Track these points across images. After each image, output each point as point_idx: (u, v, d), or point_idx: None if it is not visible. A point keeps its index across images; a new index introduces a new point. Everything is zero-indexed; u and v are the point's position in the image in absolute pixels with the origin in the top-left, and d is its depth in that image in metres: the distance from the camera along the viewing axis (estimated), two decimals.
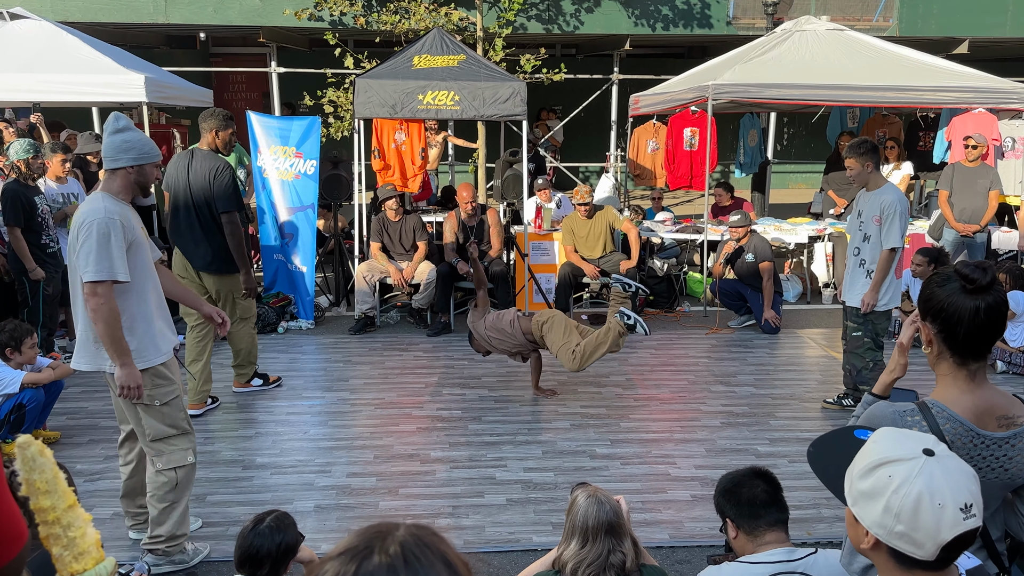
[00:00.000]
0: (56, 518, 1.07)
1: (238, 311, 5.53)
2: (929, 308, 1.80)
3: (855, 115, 10.82)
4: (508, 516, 4.05)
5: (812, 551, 2.25)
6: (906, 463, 1.35)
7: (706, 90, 7.65)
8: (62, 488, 1.09)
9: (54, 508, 1.08)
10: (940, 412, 1.76)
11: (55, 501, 1.07)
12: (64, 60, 7.61)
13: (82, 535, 1.09)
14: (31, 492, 1.07)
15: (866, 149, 5.09)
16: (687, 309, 8.15)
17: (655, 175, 10.12)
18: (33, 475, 1.07)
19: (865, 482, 1.39)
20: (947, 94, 7.77)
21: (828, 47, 8.21)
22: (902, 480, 1.34)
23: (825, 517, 4.03)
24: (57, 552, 1.07)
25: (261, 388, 5.84)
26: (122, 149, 3.34)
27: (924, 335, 1.83)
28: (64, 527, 1.08)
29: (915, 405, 1.79)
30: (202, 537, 3.82)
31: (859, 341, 5.29)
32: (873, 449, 1.41)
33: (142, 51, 10.59)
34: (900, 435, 1.42)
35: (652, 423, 5.25)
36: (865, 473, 1.40)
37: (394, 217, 7.46)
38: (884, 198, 5.07)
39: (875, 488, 1.37)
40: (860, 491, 1.40)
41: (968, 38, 12.70)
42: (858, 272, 5.27)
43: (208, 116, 5.39)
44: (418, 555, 0.84)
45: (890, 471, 1.36)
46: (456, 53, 7.63)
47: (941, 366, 1.82)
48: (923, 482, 1.32)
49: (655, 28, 12.46)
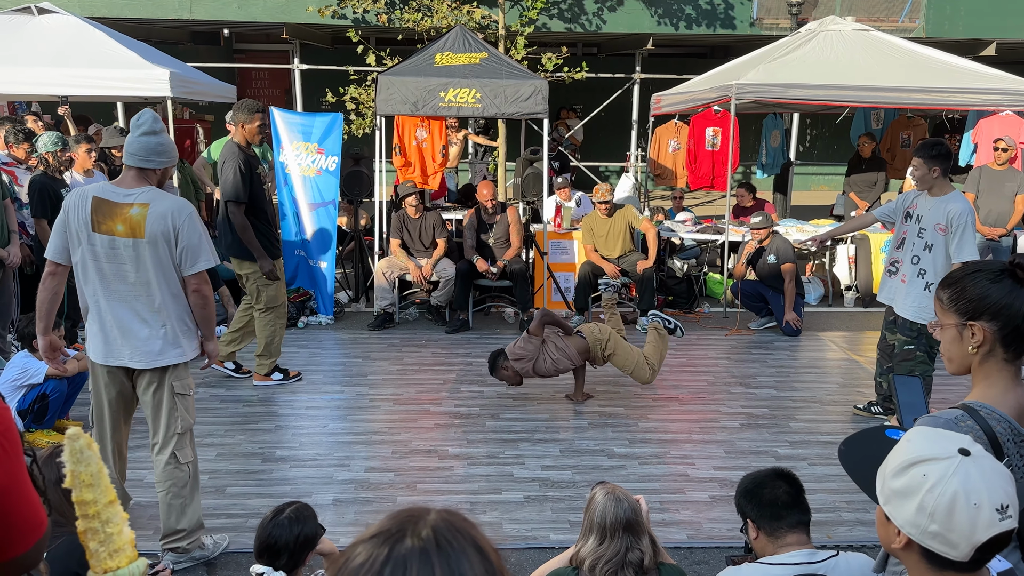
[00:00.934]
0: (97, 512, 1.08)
1: (262, 299, 5.62)
2: (985, 307, 1.74)
3: (880, 117, 10.71)
4: (525, 513, 4.05)
5: (833, 554, 2.23)
6: (941, 462, 1.32)
7: (729, 90, 7.60)
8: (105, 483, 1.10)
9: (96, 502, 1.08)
10: (989, 413, 1.71)
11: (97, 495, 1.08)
12: (90, 55, 7.68)
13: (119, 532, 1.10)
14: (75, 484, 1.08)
15: (938, 152, 4.73)
16: (707, 310, 8.11)
17: (676, 175, 10.08)
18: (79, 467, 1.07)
19: (898, 481, 1.36)
20: (974, 96, 7.67)
21: (853, 48, 8.13)
22: (937, 479, 1.31)
23: (845, 520, 3.99)
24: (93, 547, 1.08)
25: (280, 382, 5.85)
26: (156, 152, 3.37)
27: (978, 335, 1.76)
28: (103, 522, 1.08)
29: (961, 410, 1.75)
30: (221, 529, 3.85)
31: (911, 354, 4.88)
32: (907, 448, 1.39)
33: (167, 47, 10.68)
34: (935, 434, 1.40)
35: (671, 423, 5.23)
36: (899, 472, 1.37)
37: (414, 214, 7.48)
38: (951, 207, 4.69)
39: (909, 487, 1.34)
40: (893, 490, 1.37)
41: (996, 40, 12.55)
42: (916, 283, 4.85)
43: (235, 109, 5.60)
44: (450, 539, 0.84)
45: (925, 470, 1.33)
46: (478, 51, 7.63)
47: (987, 364, 1.77)
48: (959, 481, 1.29)
49: (678, 27, 12.40)
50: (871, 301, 8.30)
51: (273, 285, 5.63)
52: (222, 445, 4.82)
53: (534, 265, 7.86)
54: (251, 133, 5.52)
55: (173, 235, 3.32)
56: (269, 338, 5.74)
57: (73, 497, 1.08)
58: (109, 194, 3.33)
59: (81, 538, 1.09)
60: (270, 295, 5.63)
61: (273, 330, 5.74)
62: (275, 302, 5.67)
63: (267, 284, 5.59)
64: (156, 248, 3.32)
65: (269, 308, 5.66)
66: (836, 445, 5.04)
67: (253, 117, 5.48)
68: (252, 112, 5.48)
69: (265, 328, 5.71)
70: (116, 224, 3.29)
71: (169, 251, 3.34)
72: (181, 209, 3.35)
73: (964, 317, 1.77)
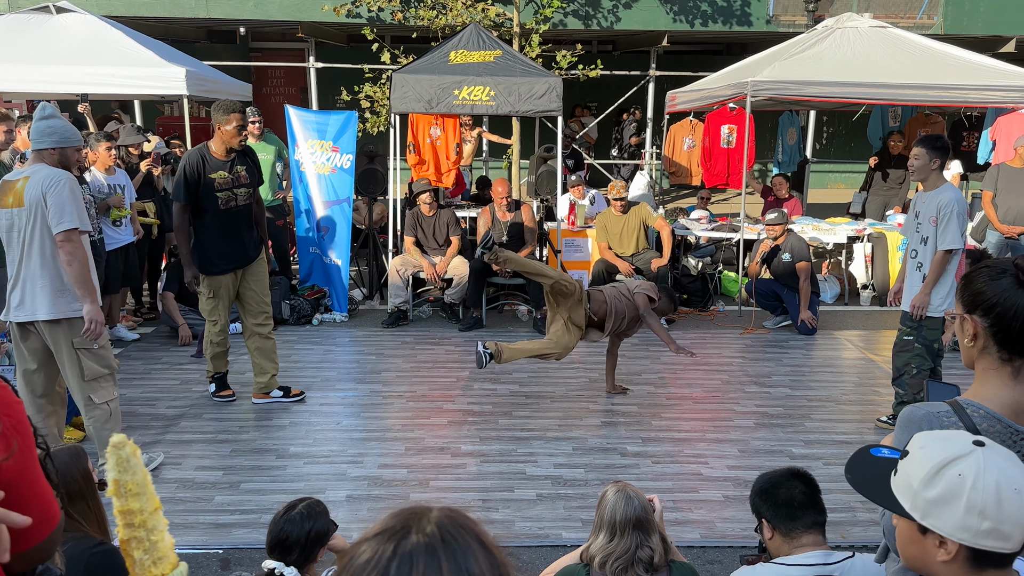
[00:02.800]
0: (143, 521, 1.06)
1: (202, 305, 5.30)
2: (981, 302, 1.74)
3: (897, 114, 10.61)
4: (538, 511, 4.05)
5: (849, 555, 2.21)
6: (968, 458, 1.29)
7: (745, 87, 7.55)
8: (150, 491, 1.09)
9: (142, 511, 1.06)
10: (976, 411, 1.70)
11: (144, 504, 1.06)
12: (108, 53, 7.74)
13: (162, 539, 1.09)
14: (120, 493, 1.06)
15: (941, 145, 4.81)
16: (721, 309, 8.07)
17: (691, 172, 10.04)
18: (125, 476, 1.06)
19: (934, 490, 1.30)
20: (993, 93, 7.59)
21: (870, 44, 8.06)
22: (975, 475, 1.27)
23: (860, 520, 3.97)
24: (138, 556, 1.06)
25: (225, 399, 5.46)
26: (45, 132, 3.90)
27: (970, 329, 1.77)
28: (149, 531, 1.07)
29: (948, 406, 1.74)
30: (236, 524, 3.88)
31: (908, 345, 4.98)
32: (926, 455, 1.34)
33: (183, 45, 10.75)
34: (943, 435, 1.37)
35: (684, 422, 5.21)
36: (930, 480, 1.31)
37: (428, 212, 7.49)
38: (941, 197, 4.79)
39: (948, 491, 1.29)
40: (930, 500, 1.31)
41: (1015, 36, 12.39)
42: (915, 276, 4.98)
43: (212, 110, 5.09)
44: (455, 535, 0.84)
45: (958, 469, 1.28)
46: (492, 48, 7.63)
47: (983, 361, 1.77)
48: (995, 471, 1.26)
49: (693, 24, 12.33)
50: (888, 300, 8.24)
51: (209, 300, 5.21)
52: (236, 441, 4.85)
53: (548, 263, 7.85)
54: (228, 136, 4.99)
55: (43, 200, 3.85)
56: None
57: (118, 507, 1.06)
58: (11, 175, 4.00)
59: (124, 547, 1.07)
60: (204, 307, 5.28)
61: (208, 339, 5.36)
62: (209, 315, 5.26)
63: (204, 294, 5.21)
64: (34, 214, 3.87)
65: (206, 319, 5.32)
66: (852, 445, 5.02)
67: (229, 118, 4.95)
68: (228, 112, 4.96)
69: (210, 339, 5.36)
70: (8, 197, 3.92)
71: (44, 215, 3.87)
72: (50, 177, 3.86)
73: (964, 310, 1.78)
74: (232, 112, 4.96)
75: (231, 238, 5.13)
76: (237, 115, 4.99)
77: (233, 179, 5.11)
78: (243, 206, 5.18)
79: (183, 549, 3.64)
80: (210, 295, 5.21)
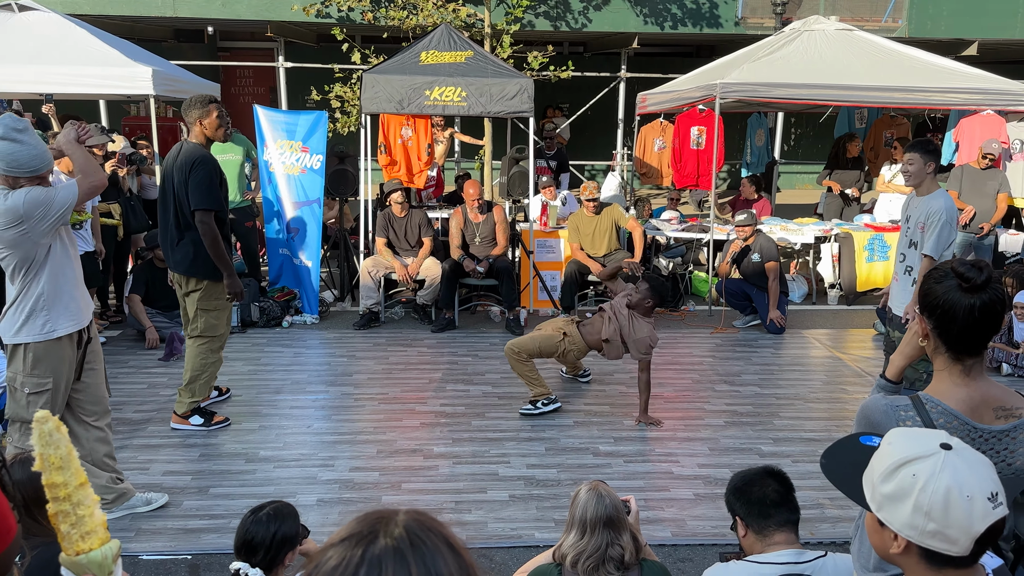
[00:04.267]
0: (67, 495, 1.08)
1: (199, 325, 4.88)
2: (926, 303, 1.82)
3: (863, 116, 10.78)
4: (511, 512, 4.05)
5: (822, 554, 2.24)
6: (927, 460, 1.32)
7: (714, 89, 7.62)
8: (75, 466, 1.10)
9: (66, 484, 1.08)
10: (934, 407, 1.75)
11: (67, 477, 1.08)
12: (72, 52, 7.62)
13: (90, 514, 1.10)
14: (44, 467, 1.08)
15: (932, 148, 4.76)
16: (692, 308, 8.13)
17: (662, 173, 10.10)
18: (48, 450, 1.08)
19: (889, 485, 1.35)
20: (956, 95, 7.73)
21: (837, 47, 8.18)
22: (928, 477, 1.30)
23: (828, 517, 4.02)
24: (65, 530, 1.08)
25: (198, 428, 4.97)
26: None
27: (921, 328, 1.84)
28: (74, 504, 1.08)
29: (909, 400, 1.79)
30: (205, 530, 3.83)
31: None
32: (890, 451, 1.38)
33: (150, 44, 10.60)
34: (914, 433, 1.40)
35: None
36: (887, 476, 1.36)
37: (400, 213, 7.46)
38: (932, 204, 4.68)
39: (901, 489, 1.33)
40: (884, 495, 1.36)
41: (977, 40, 12.65)
42: (905, 280, 4.87)
43: (187, 107, 4.78)
44: (423, 538, 0.84)
45: (913, 470, 1.32)
46: (464, 49, 7.62)
47: (937, 360, 1.83)
48: (949, 476, 1.29)
49: (663, 27, 12.43)
50: (854, 299, 8.36)
51: (215, 312, 4.89)
52: (205, 445, 4.79)
53: (520, 264, 7.86)
54: (212, 127, 4.76)
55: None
56: (197, 371, 4.92)
57: (43, 480, 1.08)
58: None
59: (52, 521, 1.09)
60: (209, 323, 4.87)
61: (204, 364, 4.93)
62: (214, 332, 4.91)
63: (210, 309, 4.87)
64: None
65: (205, 337, 4.89)
66: (820, 443, 5.08)
67: (209, 108, 4.73)
68: (205, 104, 4.74)
69: (195, 358, 4.91)
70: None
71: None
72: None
73: (918, 310, 1.85)
74: (210, 103, 4.77)
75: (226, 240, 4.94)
76: (216, 105, 4.79)
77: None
78: None
79: (151, 555, 3.60)
80: (223, 305, 4.93)
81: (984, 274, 1.73)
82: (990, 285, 1.74)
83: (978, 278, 1.73)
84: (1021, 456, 1.73)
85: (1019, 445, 1.73)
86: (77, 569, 1.09)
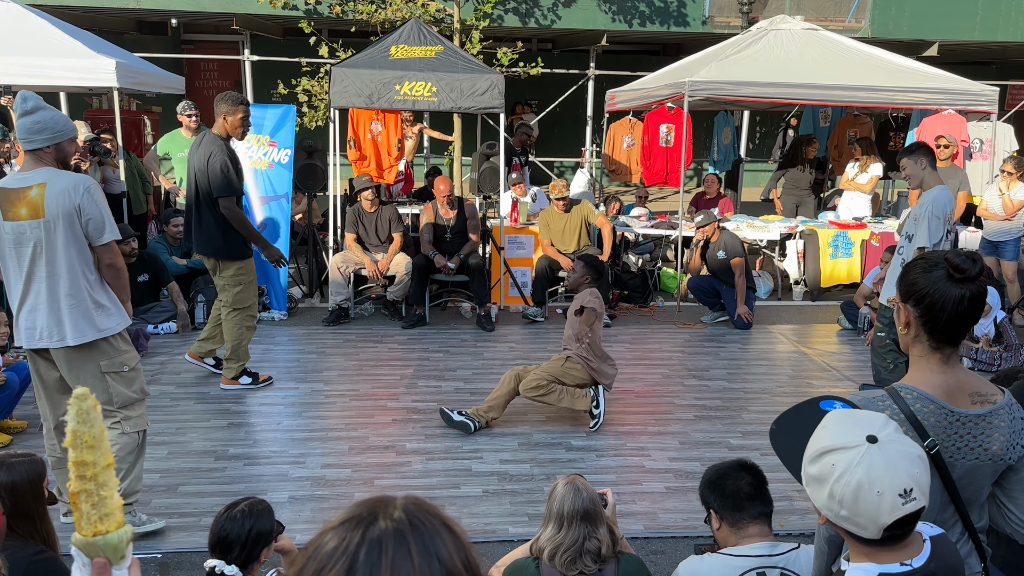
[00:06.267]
0: (94, 474, 1.08)
1: (230, 299, 5.39)
2: (912, 292, 1.83)
3: (827, 114, 10.95)
4: (484, 507, 4.06)
5: (795, 546, 2.28)
6: (849, 451, 1.42)
7: (682, 87, 7.69)
8: (105, 446, 1.09)
9: (95, 464, 1.08)
10: (910, 393, 1.79)
11: (97, 457, 1.08)
12: (32, 43, 7.44)
13: (111, 496, 1.10)
14: (77, 444, 1.07)
15: (918, 146, 4.84)
16: (661, 304, 8.20)
17: (630, 171, 10.16)
18: (83, 427, 1.07)
19: (813, 467, 1.47)
20: (918, 95, 7.89)
21: (802, 47, 8.29)
22: (843, 469, 1.41)
23: (797, 509, 4.08)
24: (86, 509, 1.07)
25: (248, 387, 5.62)
26: (34, 131, 3.37)
27: (903, 317, 1.86)
28: (99, 485, 1.08)
29: (885, 391, 1.82)
30: (175, 528, 3.78)
31: (882, 342, 4.95)
32: (822, 435, 1.48)
33: (111, 36, 10.41)
34: (848, 420, 1.48)
35: (627, 416, 5.28)
36: (813, 459, 1.48)
37: (370, 208, 7.42)
38: (924, 197, 4.79)
39: (821, 474, 1.45)
40: (810, 475, 1.49)
41: (938, 40, 12.92)
42: (897, 271, 4.81)
43: (219, 100, 5.28)
44: (422, 520, 0.85)
45: (833, 459, 1.43)
46: (434, 44, 7.59)
47: (915, 348, 1.86)
48: (863, 471, 1.39)
49: (632, 24, 12.50)
50: (819, 295, 8.50)
51: (242, 287, 5.38)
52: (173, 443, 4.72)
53: (491, 260, 7.86)
54: (233, 126, 5.24)
55: (76, 212, 3.39)
56: (236, 341, 5.48)
57: (73, 458, 1.07)
58: (11, 182, 3.41)
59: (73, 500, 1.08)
60: (237, 296, 5.37)
61: (240, 332, 5.48)
62: (243, 303, 5.42)
63: (237, 284, 5.34)
64: (59, 226, 3.38)
65: (236, 309, 5.41)
66: None
67: (237, 109, 5.21)
68: (236, 104, 5.22)
69: (232, 330, 5.47)
70: (20, 208, 3.37)
71: (75, 228, 3.41)
72: (77, 185, 3.40)
73: (900, 299, 1.87)
74: (240, 104, 5.22)
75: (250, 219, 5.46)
76: (245, 107, 5.24)
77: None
78: None
79: None
80: (249, 279, 5.42)
81: (978, 266, 1.77)
82: (981, 276, 1.78)
83: (972, 270, 1.76)
84: (997, 441, 1.77)
85: (995, 430, 1.77)
86: (91, 551, 1.08)
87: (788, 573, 2.23)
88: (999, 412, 1.78)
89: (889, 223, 8.76)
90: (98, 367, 3.54)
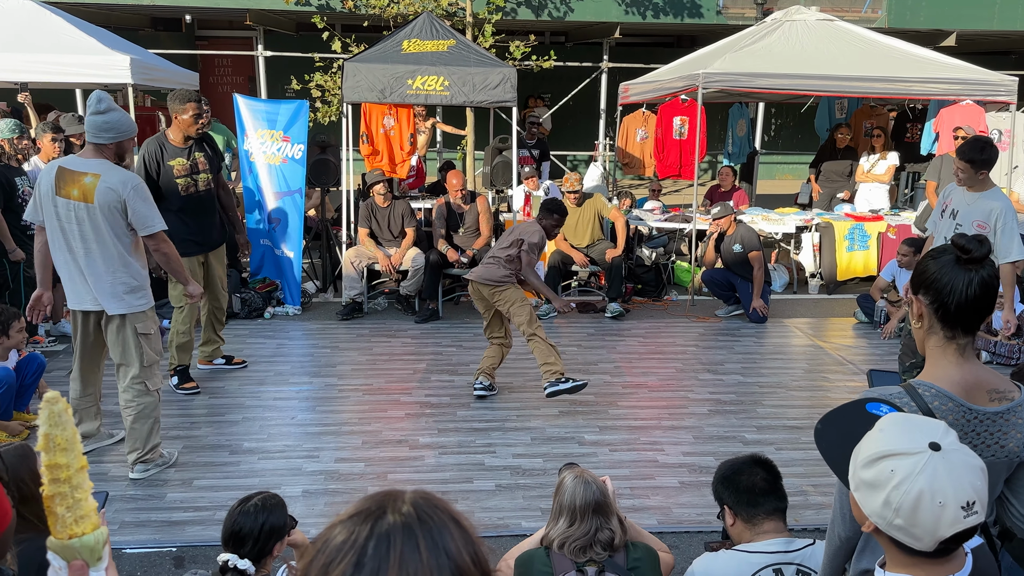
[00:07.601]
0: (68, 477, 1.07)
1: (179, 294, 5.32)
2: (922, 280, 1.80)
3: (843, 106, 10.85)
4: (497, 502, 4.05)
5: (810, 542, 2.25)
6: (910, 458, 1.32)
7: (696, 79, 7.63)
8: (78, 449, 1.09)
9: (68, 466, 1.07)
10: (927, 390, 1.75)
11: (71, 460, 1.07)
12: (47, 40, 7.49)
13: (86, 499, 1.09)
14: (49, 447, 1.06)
15: (988, 156, 4.44)
16: (675, 298, 8.17)
17: (644, 164, 10.11)
18: (55, 430, 1.07)
19: (868, 472, 1.37)
20: (935, 86, 7.80)
21: (817, 37, 8.21)
22: (904, 476, 1.31)
23: (812, 504, 4.05)
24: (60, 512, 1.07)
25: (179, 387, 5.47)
26: (103, 128, 3.87)
27: (916, 309, 1.83)
28: (73, 487, 1.07)
29: (902, 387, 1.78)
30: (190, 522, 3.81)
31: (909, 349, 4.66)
32: (879, 438, 1.38)
33: (126, 33, 10.45)
34: (908, 425, 1.39)
35: (640, 410, 5.26)
36: (868, 463, 1.37)
37: (382, 203, 7.42)
38: (993, 204, 4.45)
39: (877, 480, 1.35)
40: (862, 479, 1.38)
41: (956, 31, 12.76)
42: None
43: (168, 100, 5.22)
44: (431, 514, 0.85)
45: (893, 465, 1.33)
46: (446, 38, 7.57)
47: (931, 340, 1.82)
48: (925, 480, 1.29)
49: (645, 16, 12.43)
50: (835, 288, 8.43)
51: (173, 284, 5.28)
52: (188, 438, 4.75)
53: None
54: (185, 124, 5.15)
55: (120, 206, 3.88)
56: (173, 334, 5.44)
57: (45, 461, 1.07)
58: (71, 164, 3.92)
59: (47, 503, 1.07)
60: (174, 293, 5.33)
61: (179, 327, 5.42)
62: (177, 302, 5.35)
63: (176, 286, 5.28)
64: (103, 214, 3.87)
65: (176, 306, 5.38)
66: (803, 430, 5.08)
67: (185, 107, 5.10)
68: (184, 101, 5.10)
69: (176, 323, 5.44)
70: (72, 189, 3.87)
71: (118, 218, 3.90)
72: (126, 182, 3.89)
73: (912, 291, 1.84)
74: (188, 101, 5.15)
75: (194, 223, 5.35)
76: (193, 103, 5.16)
77: (191, 166, 5.31)
78: (203, 192, 5.39)
79: (136, 548, 3.58)
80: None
81: (984, 247, 1.73)
82: (988, 260, 1.75)
83: (978, 251, 1.73)
84: (1014, 438, 1.74)
85: (1012, 428, 1.74)
86: (67, 553, 1.08)
87: (804, 569, 2.21)
88: (1017, 409, 1.75)
89: (906, 215, 8.67)
90: (135, 330, 4.08)
